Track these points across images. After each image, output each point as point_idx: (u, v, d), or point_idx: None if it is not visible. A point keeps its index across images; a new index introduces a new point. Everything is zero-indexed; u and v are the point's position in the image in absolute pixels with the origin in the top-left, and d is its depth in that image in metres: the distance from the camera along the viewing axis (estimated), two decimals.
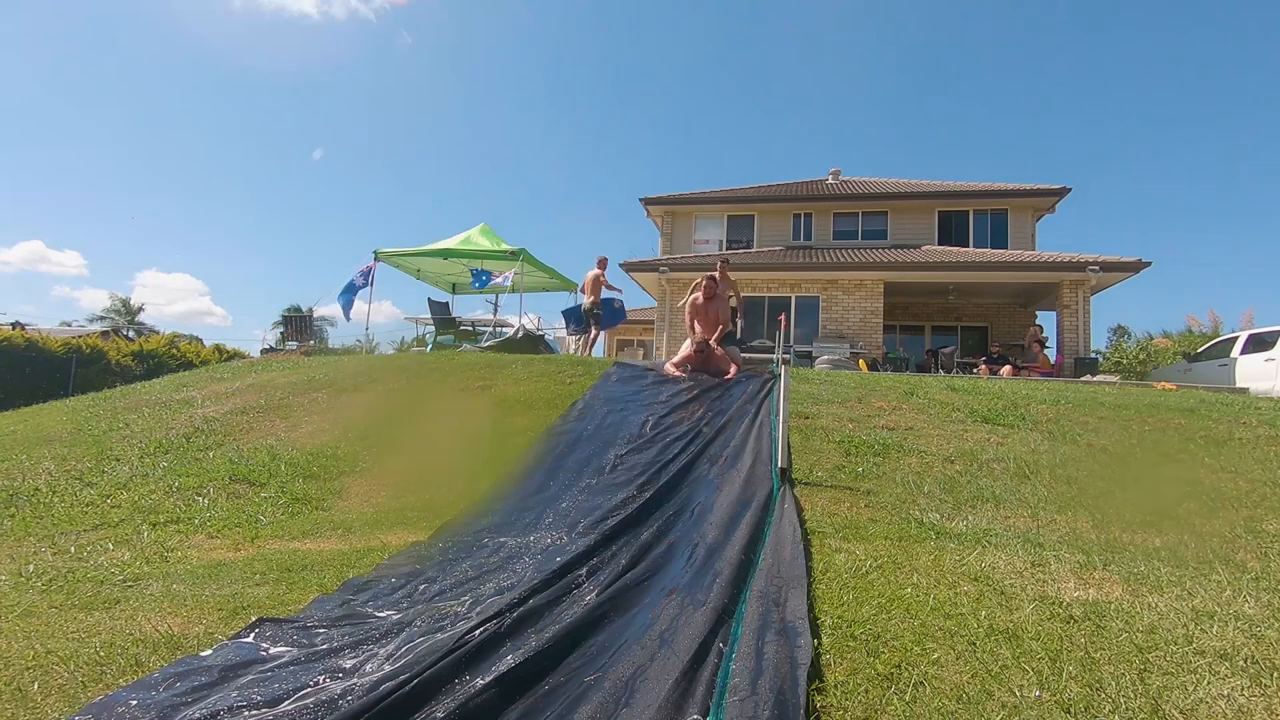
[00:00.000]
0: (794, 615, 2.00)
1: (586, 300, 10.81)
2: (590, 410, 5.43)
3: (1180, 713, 1.53)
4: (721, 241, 16.67)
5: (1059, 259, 13.14)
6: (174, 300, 71.21)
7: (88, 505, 4.04)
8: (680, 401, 5.52)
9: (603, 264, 11.01)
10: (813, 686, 1.66)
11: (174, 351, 19.75)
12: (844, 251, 14.96)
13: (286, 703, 1.66)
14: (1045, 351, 11.94)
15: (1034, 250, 14.92)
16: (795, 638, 1.85)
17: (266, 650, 2.01)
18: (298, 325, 16.34)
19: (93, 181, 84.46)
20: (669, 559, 2.71)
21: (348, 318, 12.08)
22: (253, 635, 2.13)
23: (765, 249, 16.13)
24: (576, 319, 11.21)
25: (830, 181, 18.10)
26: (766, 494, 3.47)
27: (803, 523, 3.12)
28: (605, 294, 10.93)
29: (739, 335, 8.59)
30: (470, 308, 24.36)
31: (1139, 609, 2.13)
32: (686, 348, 6.91)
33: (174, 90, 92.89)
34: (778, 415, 4.51)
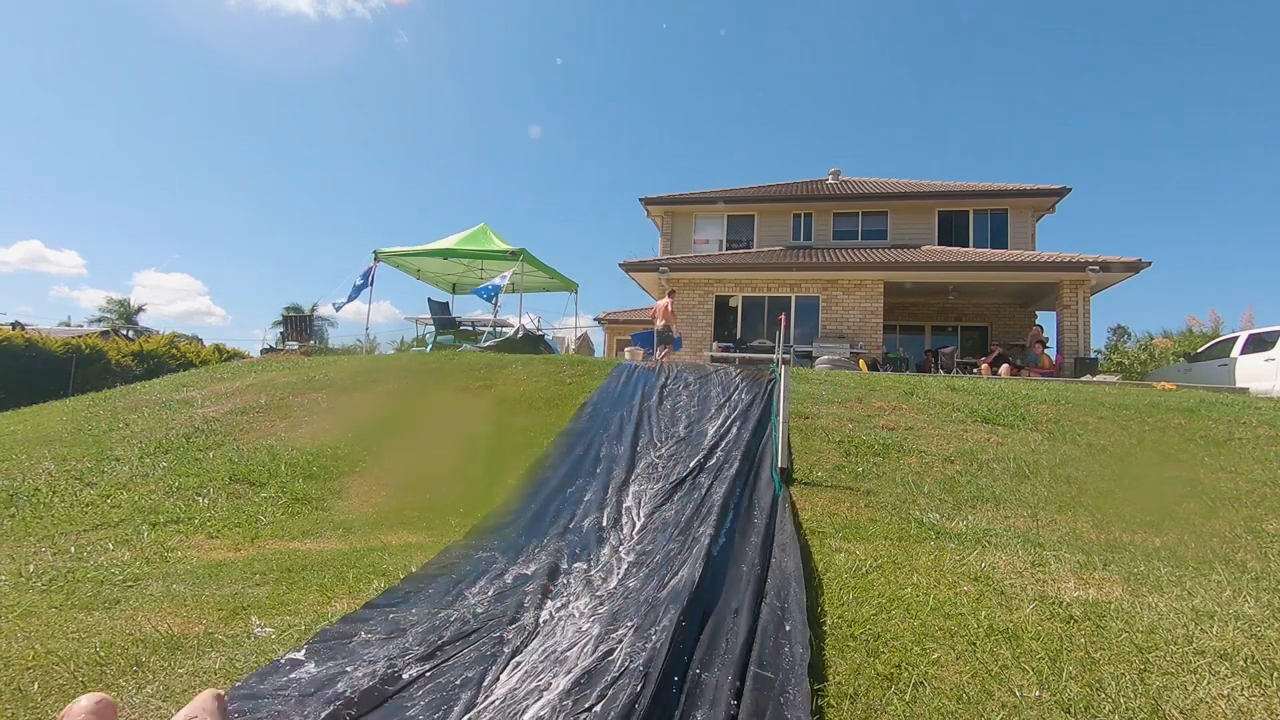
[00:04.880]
0: (793, 618, 1.99)
1: (659, 324, 11.10)
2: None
3: (1180, 713, 1.53)
4: (722, 241, 16.67)
5: (1059, 259, 13.14)
6: (173, 300, 71.08)
7: (88, 505, 4.04)
8: None
9: (672, 295, 11.50)
10: (815, 688, 1.66)
11: (174, 351, 19.75)
12: (844, 251, 14.96)
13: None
14: (1046, 351, 11.95)
15: (1034, 250, 14.91)
16: (795, 638, 1.85)
17: None
18: (298, 325, 16.33)
19: (91, 181, 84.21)
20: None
21: (336, 310, 12.25)
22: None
23: (765, 249, 16.12)
24: (648, 341, 11.41)
25: (830, 181, 18.09)
26: (770, 497, 3.47)
27: (798, 524, 3.12)
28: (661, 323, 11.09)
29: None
30: (470, 308, 24.36)
31: (1139, 609, 2.13)
32: None
33: (171, 89, 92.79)
34: (778, 415, 4.51)
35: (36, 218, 70.13)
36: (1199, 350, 11.86)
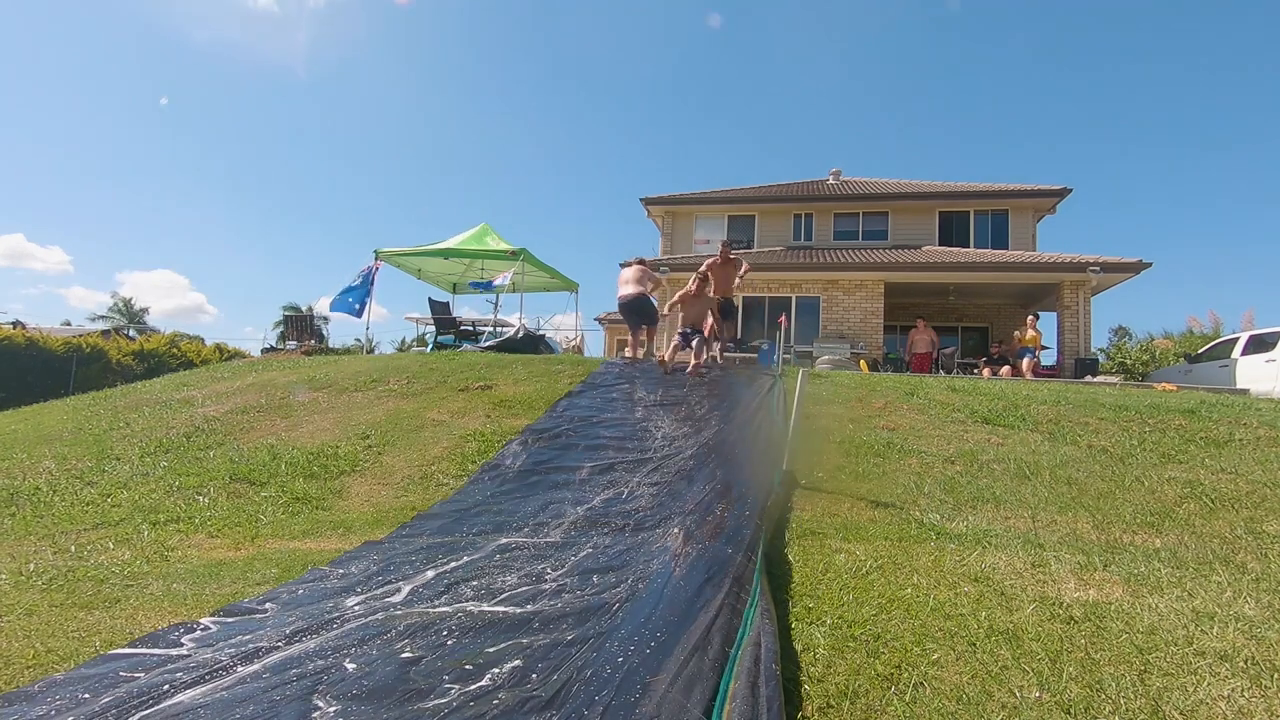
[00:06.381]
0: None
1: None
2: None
3: (1180, 714, 1.53)
4: (723, 242, 16.70)
5: (1059, 259, 13.13)
6: (160, 298, 70.69)
7: (88, 504, 4.04)
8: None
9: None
10: (815, 689, 1.66)
11: (174, 351, 19.76)
12: (844, 252, 14.95)
13: None
14: (1035, 331, 11.88)
15: (1035, 251, 14.90)
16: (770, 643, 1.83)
17: None
18: (298, 325, 16.36)
19: (71, 176, 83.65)
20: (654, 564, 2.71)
21: (360, 316, 11.76)
22: None
23: (766, 249, 16.12)
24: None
25: (831, 182, 18.09)
26: (766, 500, 3.47)
27: (782, 530, 3.12)
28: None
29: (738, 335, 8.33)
30: (470, 308, 24.39)
31: (1139, 610, 2.13)
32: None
33: (166, 88, 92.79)
34: (779, 415, 4.51)
35: (19, 212, 69.33)
36: (1199, 351, 11.86)
